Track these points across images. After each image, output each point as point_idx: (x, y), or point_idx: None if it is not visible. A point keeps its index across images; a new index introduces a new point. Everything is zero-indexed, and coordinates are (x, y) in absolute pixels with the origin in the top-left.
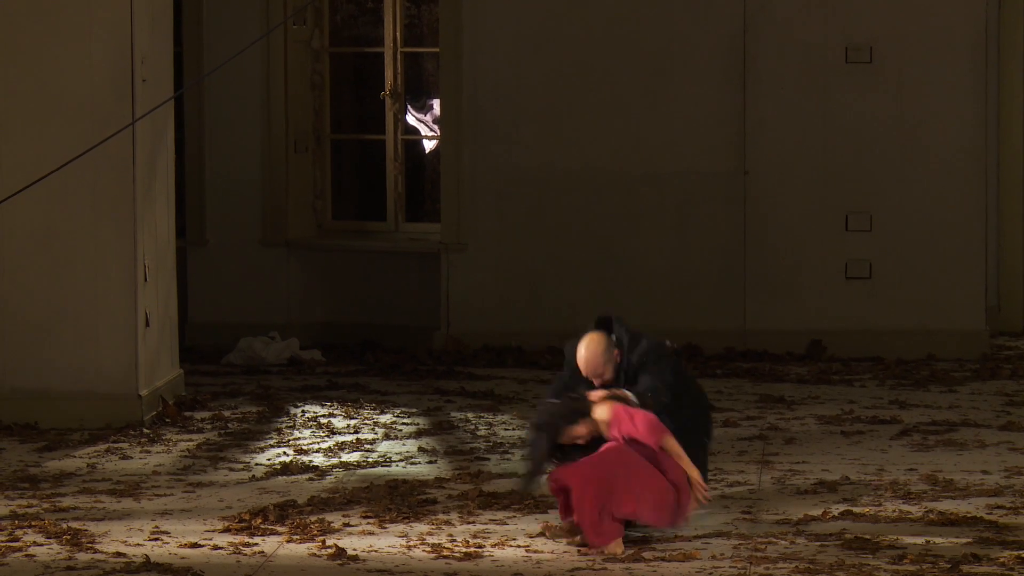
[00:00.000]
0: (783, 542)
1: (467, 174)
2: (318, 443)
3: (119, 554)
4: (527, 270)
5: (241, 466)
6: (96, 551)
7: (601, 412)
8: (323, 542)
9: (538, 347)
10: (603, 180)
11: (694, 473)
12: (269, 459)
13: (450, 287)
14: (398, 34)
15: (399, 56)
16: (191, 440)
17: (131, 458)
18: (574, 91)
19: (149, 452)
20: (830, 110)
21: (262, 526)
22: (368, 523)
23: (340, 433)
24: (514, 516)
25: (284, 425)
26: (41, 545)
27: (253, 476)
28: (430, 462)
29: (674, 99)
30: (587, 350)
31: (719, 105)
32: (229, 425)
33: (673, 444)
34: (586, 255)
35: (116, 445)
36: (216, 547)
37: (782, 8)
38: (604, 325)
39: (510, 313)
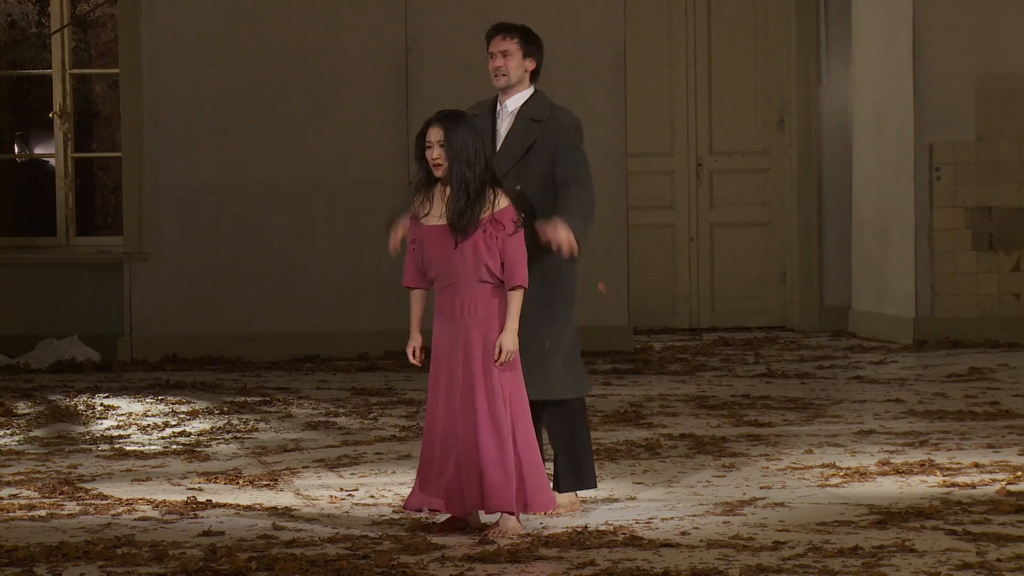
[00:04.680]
0: None
1: (148, 187)
2: None
3: None
4: (208, 278)
5: None
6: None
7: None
8: None
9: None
10: (278, 191)
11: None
12: None
13: (133, 295)
14: (66, 57)
15: (67, 78)
16: None
17: None
18: (250, 108)
19: None
20: None
21: None
22: None
23: None
24: None
25: None
26: None
27: None
28: None
29: (343, 115)
30: None
31: (384, 121)
32: None
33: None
34: (264, 262)
35: None
36: None
37: (441, 30)
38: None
39: (191, 319)
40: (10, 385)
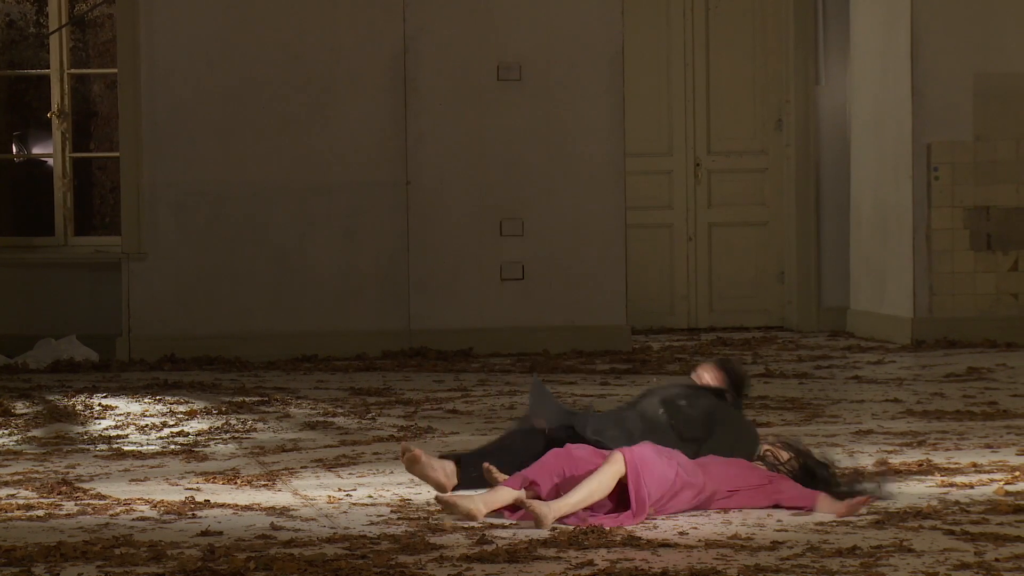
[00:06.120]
0: None
1: (147, 187)
2: None
3: None
4: (206, 278)
5: None
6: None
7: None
8: None
9: (216, 350)
10: (276, 191)
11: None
12: None
13: (131, 295)
14: (64, 57)
15: (66, 78)
16: None
17: None
18: (248, 108)
19: None
20: (484, 124)
21: None
22: None
23: None
24: None
25: None
26: None
27: None
28: None
29: (341, 115)
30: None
31: (382, 120)
32: None
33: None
34: (262, 262)
35: None
36: None
37: (439, 30)
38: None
39: (189, 319)
40: (8, 385)
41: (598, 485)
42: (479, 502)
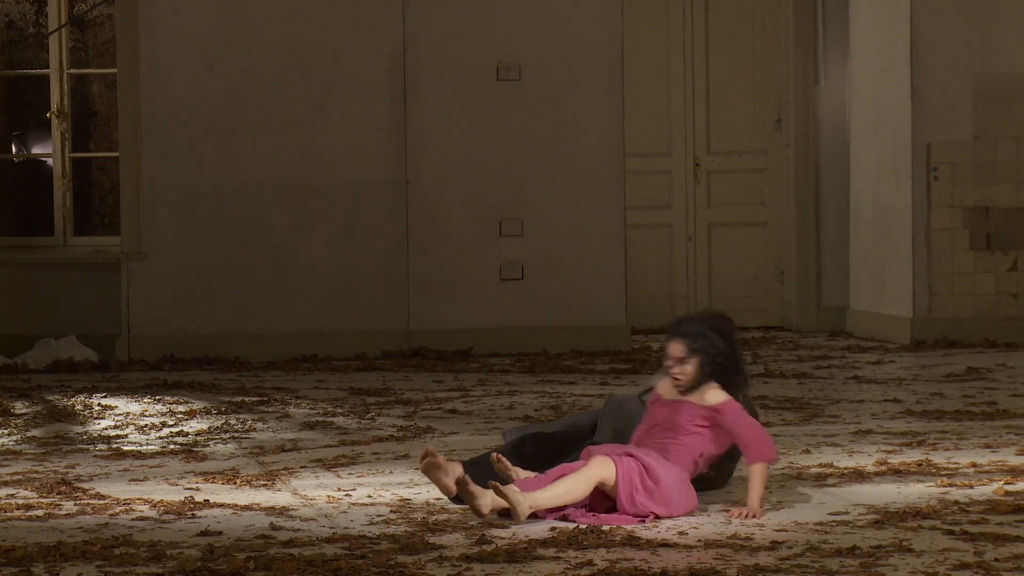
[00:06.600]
0: None
1: (146, 187)
2: None
3: None
4: (205, 277)
5: None
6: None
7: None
8: None
9: (215, 350)
10: (276, 190)
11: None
12: None
13: (131, 295)
14: (64, 57)
15: (65, 78)
16: None
17: None
18: (247, 108)
19: None
20: (484, 124)
21: None
22: None
23: None
24: None
25: None
26: None
27: None
28: None
29: (341, 115)
30: None
31: (382, 120)
32: None
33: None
34: (262, 262)
35: None
36: None
37: (439, 30)
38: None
39: (189, 319)
40: (8, 385)
41: (575, 484)
42: (489, 499)
